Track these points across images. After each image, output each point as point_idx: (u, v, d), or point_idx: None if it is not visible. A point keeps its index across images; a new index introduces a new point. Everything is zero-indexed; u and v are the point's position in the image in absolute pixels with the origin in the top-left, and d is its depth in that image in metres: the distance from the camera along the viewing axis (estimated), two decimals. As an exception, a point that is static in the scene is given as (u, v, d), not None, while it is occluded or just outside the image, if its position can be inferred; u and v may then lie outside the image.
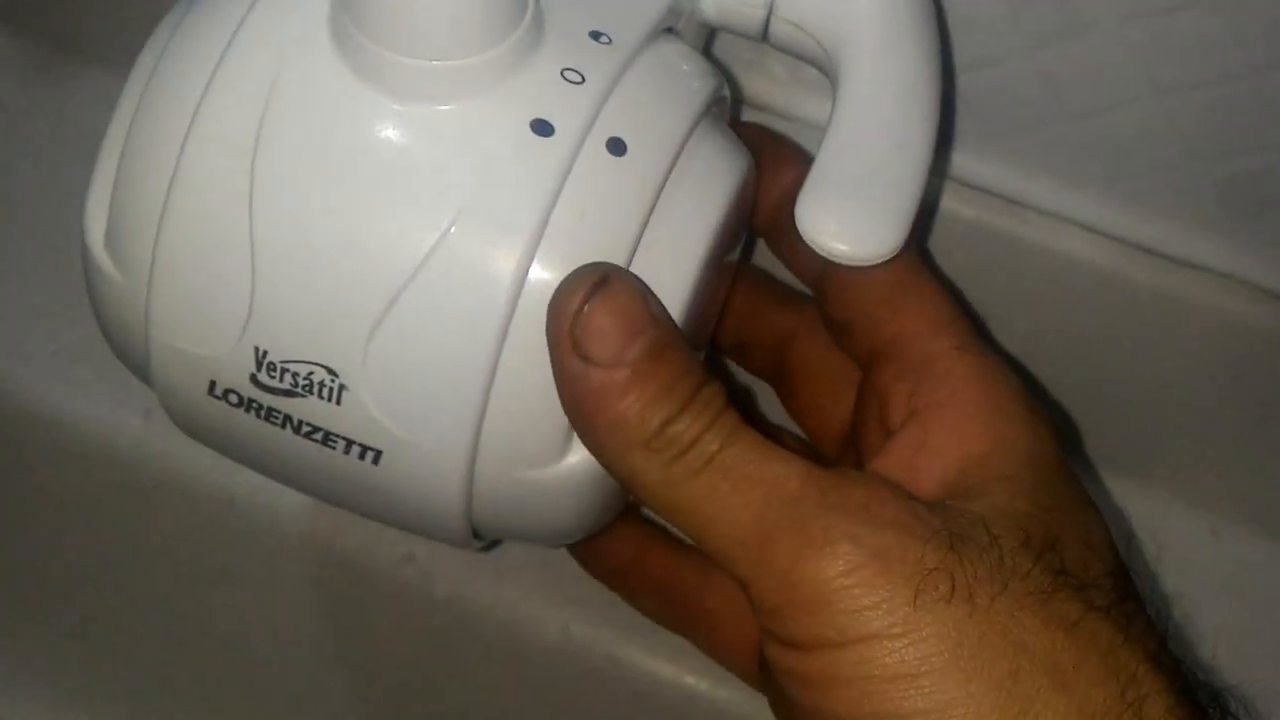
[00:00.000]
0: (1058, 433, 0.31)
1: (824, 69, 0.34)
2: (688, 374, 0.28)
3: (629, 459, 0.28)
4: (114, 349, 0.32)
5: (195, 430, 0.32)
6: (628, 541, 0.37)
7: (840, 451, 0.36)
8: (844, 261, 0.30)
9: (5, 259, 0.47)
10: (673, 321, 0.29)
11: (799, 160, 0.35)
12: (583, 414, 0.28)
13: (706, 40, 0.38)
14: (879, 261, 0.30)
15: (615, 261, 0.28)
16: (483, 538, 0.32)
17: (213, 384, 0.29)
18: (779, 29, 0.34)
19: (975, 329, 0.33)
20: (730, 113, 0.35)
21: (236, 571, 0.45)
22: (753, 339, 0.39)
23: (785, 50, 0.35)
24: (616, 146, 0.28)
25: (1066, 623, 0.27)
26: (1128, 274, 0.42)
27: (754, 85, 0.41)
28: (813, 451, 0.38)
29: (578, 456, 0.30)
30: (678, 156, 0.30)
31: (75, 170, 0.49)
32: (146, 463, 0.44)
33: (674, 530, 0.32)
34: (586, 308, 0.27)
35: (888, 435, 0.31)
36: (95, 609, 0.47)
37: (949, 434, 0.30)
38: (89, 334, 0.34)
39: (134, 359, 0.31)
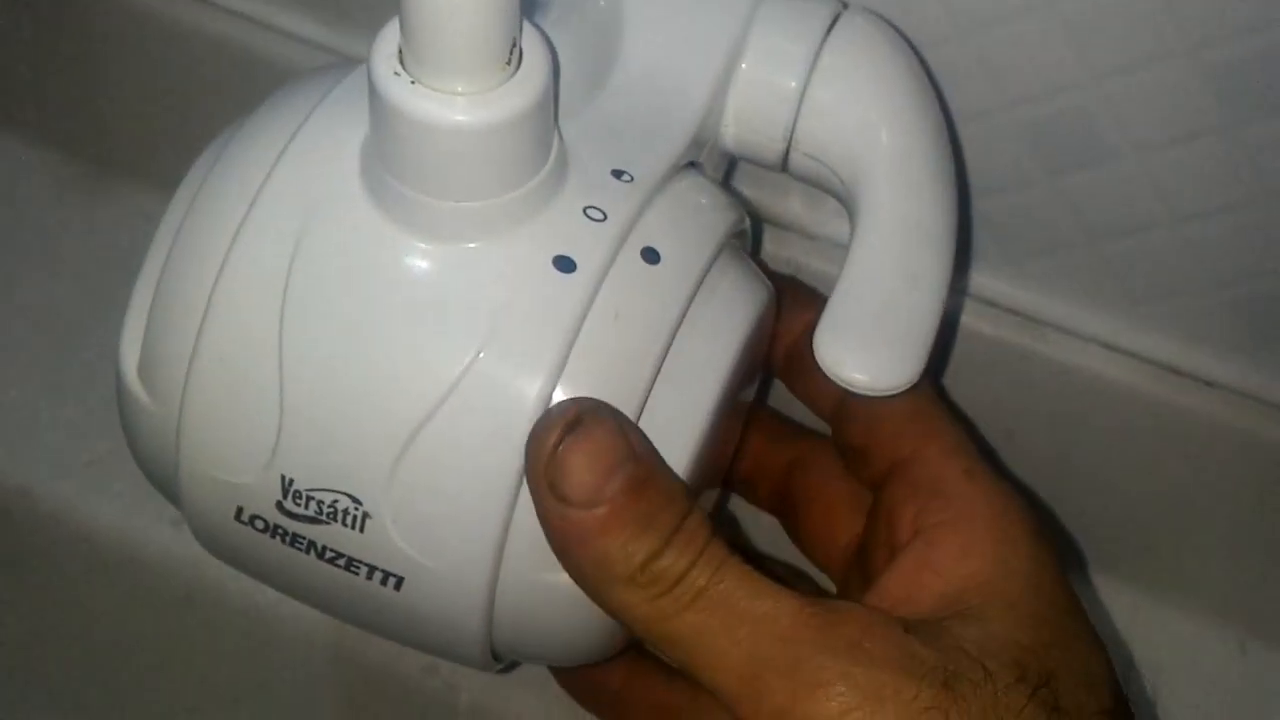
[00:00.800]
0: (1063, 562, 0.32)
1: (842, 199, 0.34)
2: (670, 505, 0.28)
3: (615, 594, 0.28)
4: (145, 472, 0.33)
5: (221, 552, 0.32)
6: (616, 669, 0.37)
7: (846, 575, 0.36)
8: (862, 392, 0.30)
9: (40, 372, 0.48)
10: (654, 452, 0.29)
11: (816, 300, 0.36)
12: (565, 551, 0.28)
13: (727, 169, 0.39)
14: (896, 392, 0.30)
15: (634, 392, 0.29)
16: (502, 660, 0.33)
17: (240, 510, 0.30)
18: (798, 161, 0.35)
19: (986, 457, 0.33)
20: (751, 243, 0.36)
21: (262, 681, 0.45)
22: (759, 473, 0.39)
23: (804, 180, 0.35)
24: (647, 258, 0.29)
25: None
26: (1147, 392, 0.42)
27: (775, 205, 0.42)
28: (802, 578, 0.39)
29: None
30: (696, 290, 0.30)
31: (108, 284, 0.50)
32: (175, 573, 0.45)
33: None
34: (561, 447, 0.27)
35: (894, 554, 0.32)
36: (123, 718, 0.48)
37: (953, 552, 0.31)
38: (120, 446, 0.34)
39: (164, 483, 0.32)
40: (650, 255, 0.30)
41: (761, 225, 0.42)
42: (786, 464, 0.38)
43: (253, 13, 0.48)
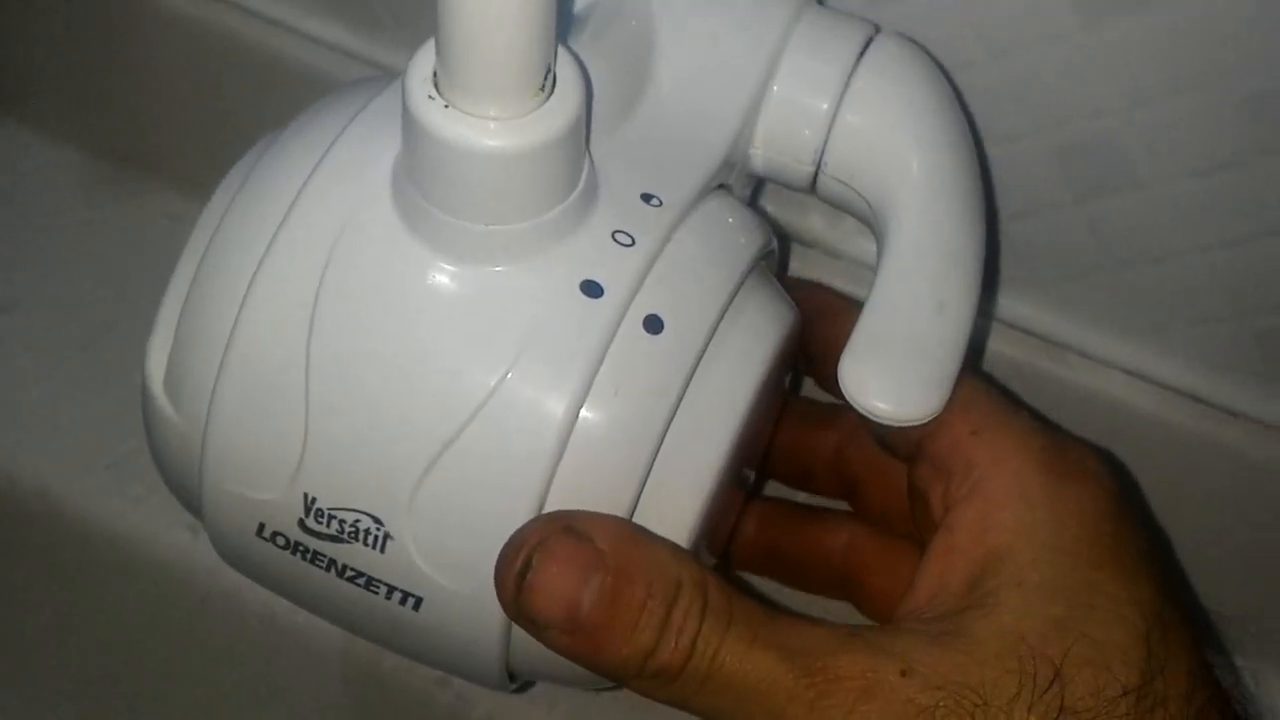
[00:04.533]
0: (1098, 482, 0.31)
1: (870, 224, 0.34)
2: (654, 597, 0.28)
3: (632, 686, 0.28)
4: (168, 484, 0.33)
5: (241, 566, 0.32)
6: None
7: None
8: (886, 421, 0.30)
9: (63, 371, 0.48)
10: (629, 540, 0.28)
11: (848, 310, 0.36)
12: (573, 659, 0.28)
13: (754, 189, 0.38)
14: (921, 423, 0.30)
15: (659, 415, 0.29)
16: (517, 680, 0.33)
17: (261, 526, 0.30)
18: (827, 184, 0.35)
19: (998, 399, 0.33)
20: (778, 261, 0.36)
21: (275, 688, 0.45)
22: (812, 465, 0.39)
23: (831, 203, 0.35)
24: (654, 324, 0.29)
25: None
26: (1169, 419, 0.42)
27: (796, 222, 0.42)
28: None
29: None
30: (723, 316, 0.30)
31: (132, 283, 0.50)
32: (192, 577, 0.45)
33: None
34: (529, 574, 0.27)
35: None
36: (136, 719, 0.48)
37: (972, 530, 0.30)
38: (141, 449, 0.35)
39: (186, 495, 0.32)
40: (675, 285, 0.30)
41: (789, 243, 0.41)
42: (834, 447, 0.38)
43: (281, 17, 0.48)
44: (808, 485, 0.40)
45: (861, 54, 0.34)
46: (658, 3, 0.33)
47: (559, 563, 0.27)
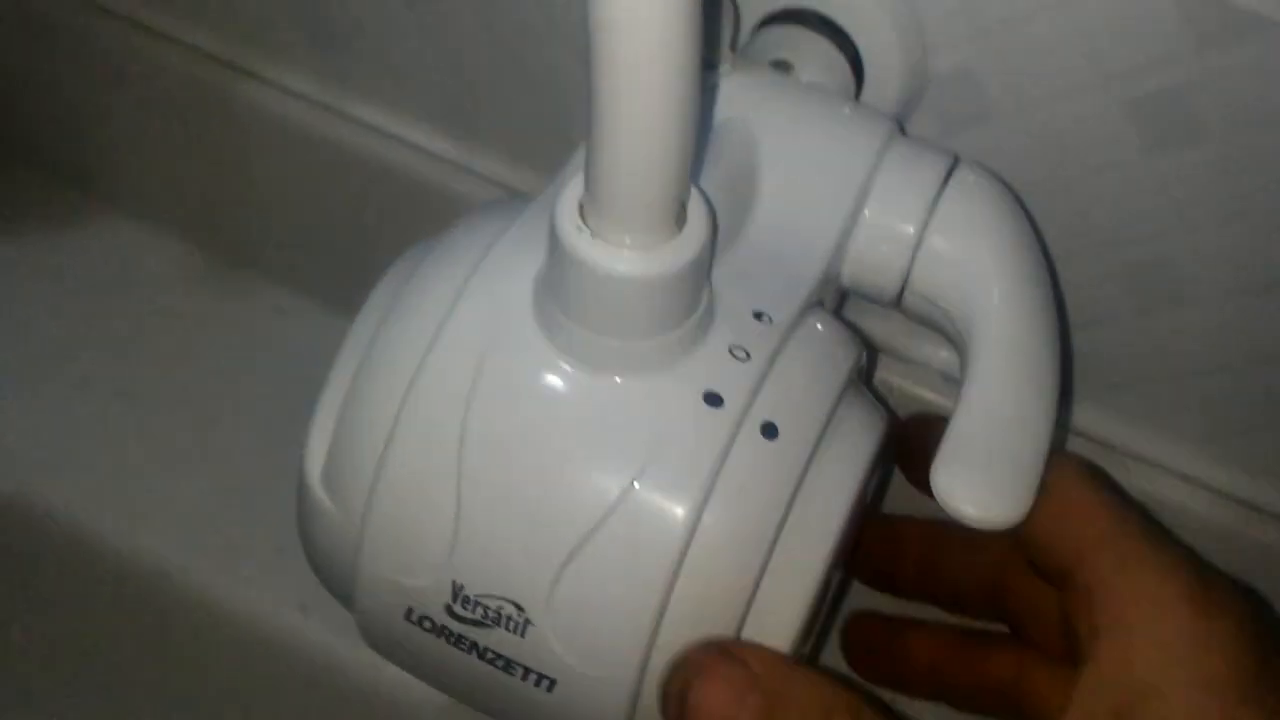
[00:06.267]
0: (1241, 618, 0.31)
1: (952, 339, 0.37)
2: (806, 718, 0.30)
3: None
4: (317, 572, 0.36)
5: (385, 648, 0.35)
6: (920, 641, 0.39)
7: None
8: (973, 524, 0.33)
9: (180, 455, 0.52)
10: (783, 663, 0.31)
11: (938, 420, 0.38)
12: None
13: (840, 300, 0.42)
14: (1005, 527, 0.33)
15: (776, 510, 0.32)
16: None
17: (410, 610, 0.33)
18: (912, 300, 0.38)
19: (1144, 529, 0.34)
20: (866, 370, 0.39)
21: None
22: (966, 589, 0.40)
23: (914, 318, 0.38)
24: (769, 430, 0.32)
25: None
26: (1224, 524, 0.45)
27: (870, 329, 0.45)
28: None
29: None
30: (829, 423, 0.33)
31: (245, 372, 0.54)
32: (300, 655, 0.48)
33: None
34: (689, 696, 0.30)
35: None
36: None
37: (1116, 664, 0.31)
38: (255, 530, 0.37)
39: (337, 583, 0.35)
40: (786, 395, 0.33)
41: (876, 353, 0.45)
42: (987, 572, 0.39)
43: (384, 126, 0.52)
44: (960, 608, 0.42)
45: (945, 182, 0.37)
46: (761, 137, 0.37)
47: (716, 683, 0.30)
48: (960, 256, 0.37)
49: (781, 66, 0.40)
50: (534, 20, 0.46)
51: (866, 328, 0.45)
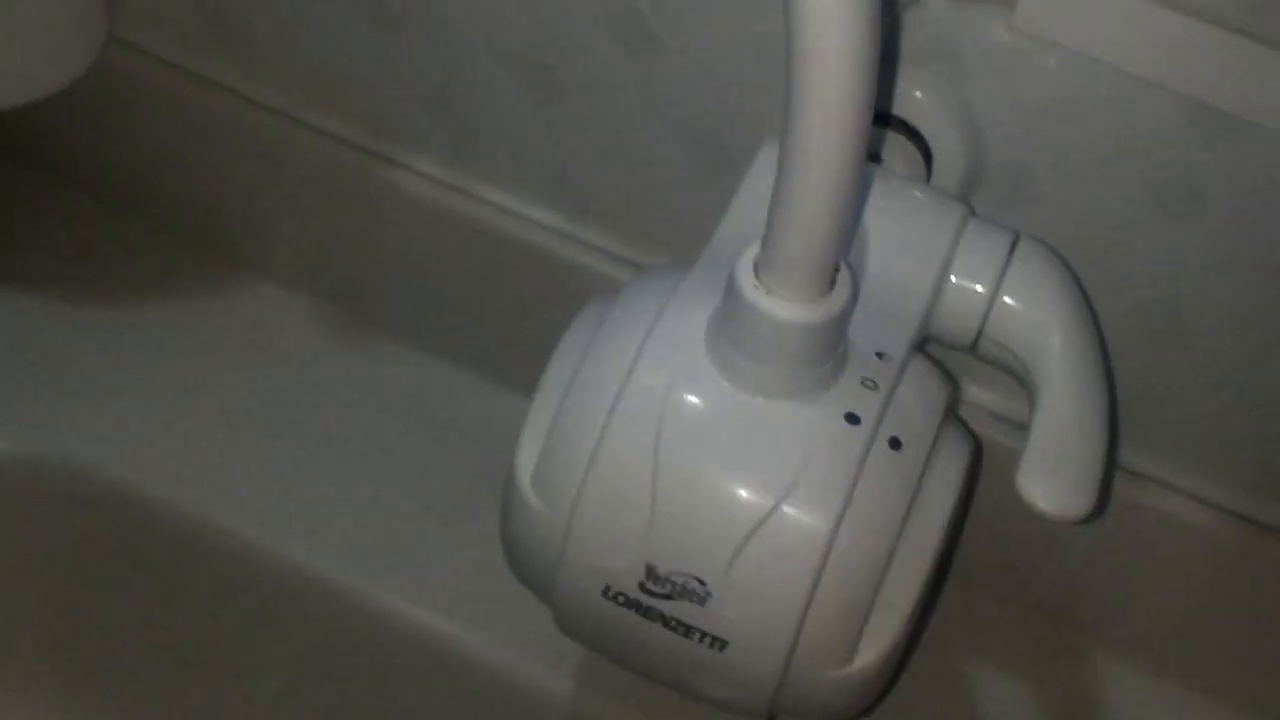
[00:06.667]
0: None
1: (1018, 375, 0.47)
2: None
3: None
4: (515, 564, 0.44)
5: (577, 627, 0.44)
6: None
7: None
8: (1050, 518, 0.42)
9: (325, 480, 0.59)
10: None
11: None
12: None
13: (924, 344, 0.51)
14: (1076, 520, 0.42)
15: (901, 506, 0.40)
16: (774, 716, 0.44)
17: (607, 588, 0.41)
18: (985, 346, 0.47)
19: None
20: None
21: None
22: None
23: (985, 360, 0.48)
24: (895, 443, 0.41)
25: None
26: (1230, 540, 0.54)
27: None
28: None
29: (861, 663, 0.41)
30: (937, 439, 0.42)
31: (371, 415, 0.62)
32: (450, 654, 0.55)
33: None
34: None
35: None
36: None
37: None
38: (407, 543, 0.44)
39: (535, 574, 0.43)
40: (906, 416, 0.42)
41: (960, 385, 0.54)
42: None
43: (503, 202, 0.61)
44: None
45: (1011, 252, 0.46)
46: (866, 215, 0.46)
47: None
48: (1026, 311, 0.46)
49: (873, 158, 0.49)
50: (641, 116, 0.55)
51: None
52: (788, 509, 0.40)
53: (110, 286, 0.65)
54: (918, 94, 0.49)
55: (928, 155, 0.51)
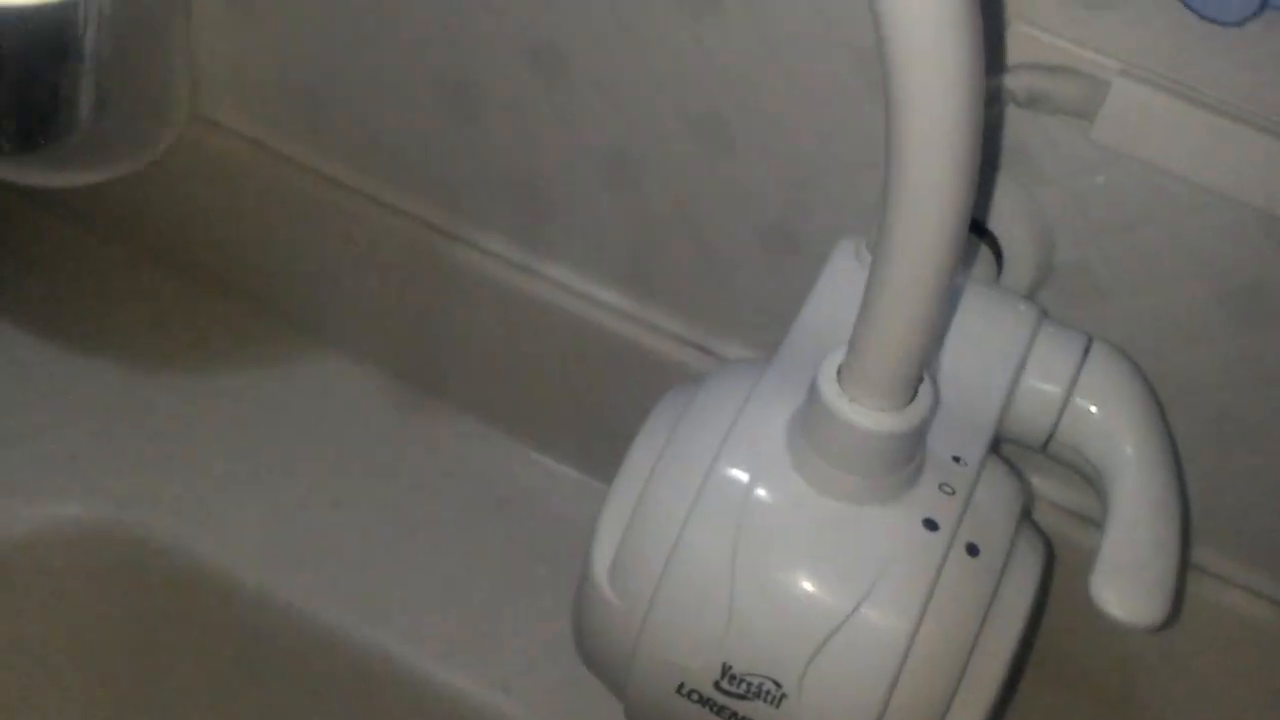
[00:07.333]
0: None
1: (1089, 478, 0.47)
2: None
3: None
4: (586, 655, 0.45)
5: (647, 719, 0.44)
6: None
7: None
8: (1124, 626, 0.42)
9: (394, 553, 0.60)
10: None
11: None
12: None
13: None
14: (1150, 629, 0.42)
15: (978, 615, 0.41)
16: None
17: (681, 685, 0.42)
18: (1057, 448, 0.47)
19: None
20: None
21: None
22: None
23: (1058, 462, 0.48)
24: (973, 550, 0.41)
25: None
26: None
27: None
28: None
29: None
30: (1013, 544, 0.43)
31: (435, 486, 0.63)
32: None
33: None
34: None
35: None
36: None
37: None
38: (462, 617, 0.45)
39: (607, 665, 0.44)
40: (983, 521, 0.42)
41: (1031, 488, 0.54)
42: None
43: (572, 284, 0.62)
44: None
45: (1085, 355, 0.47)
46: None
47: None
48: (1100, 415, 0.46)
49: (947, 257, 0.50)
50: (713, 204, 0.56)
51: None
52: (866, 613, 0.40)
53: (184, 357, 0.66)
54: (993, 196, 0.50)
55: (998, 254, 0.52)
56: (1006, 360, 0.47)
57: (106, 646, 0.61)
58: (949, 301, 0.37)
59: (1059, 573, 0.53)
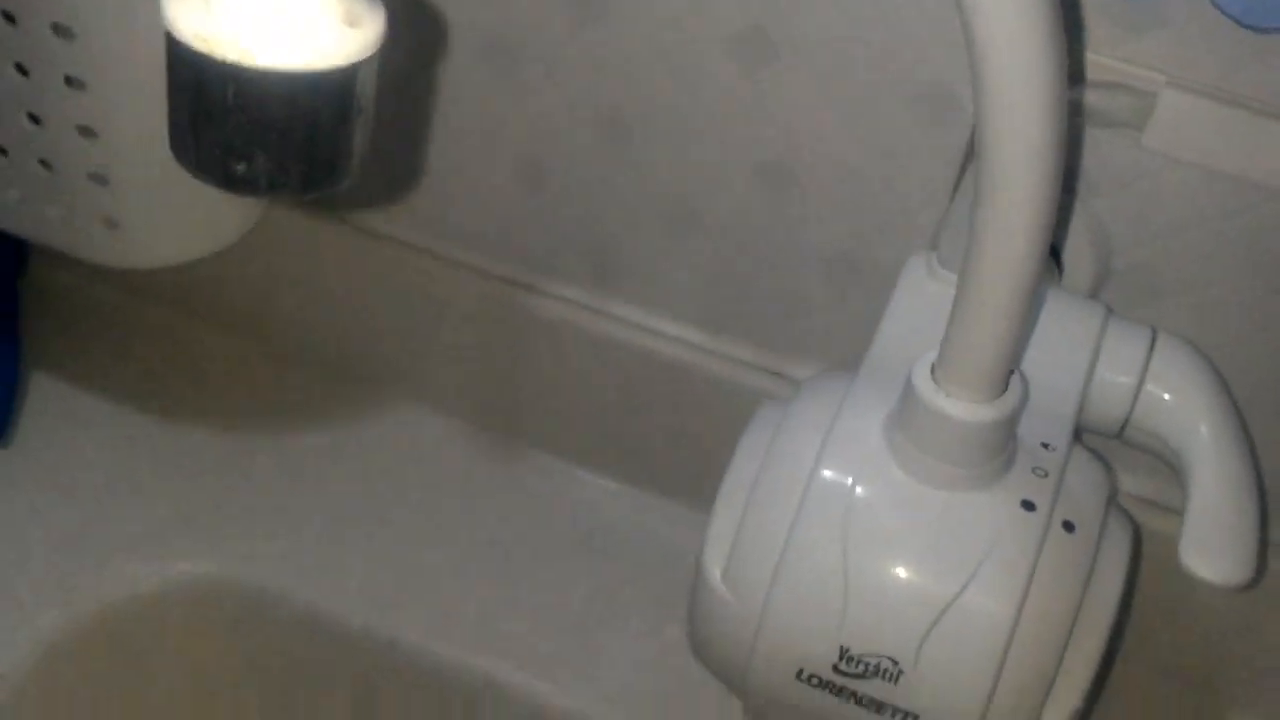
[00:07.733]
0: None
1: (1166, 460, 0.50)
2: None
3: None
4: (703, 653, 0.47)
5: (768, 709, 0.46)
6: None
7: None
8: (1212, 585, 0.45)
9: (490, 588, 0.63)
10: None
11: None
12: None
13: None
14: (1238, 587, 0.45)
15: (1078, 588, 0.43)
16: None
17: (800, 670, 0.44)
18: (1133, 434, 0.50)
19: None
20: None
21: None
22: None
23: (1133, 446, 0.51)
24: (1069, 526, 0.44)
25: None
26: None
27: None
28: None
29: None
30: (1105, 521, 0.45)
31: (518, 525, 0.65)
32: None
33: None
34: None
35: None
36: None
37: None
38: (562, 642, 0.47)
39: (725, 662, 0.46)
40: (1076, 500, 0.45)
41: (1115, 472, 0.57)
42: None
43: (644, 322, 0.65)
44: None
45: (1152, 346, 0.50)
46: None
47: None
48: (1172, 401, 0.49)
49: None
50: (778, 243, 0.59)
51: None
52: (974, 591, 0.43)
53: (275, 420, 0.69)
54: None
55: (1058, 260, 0.55)
56: (1080, 355, 0.50)
57: (229, 695, 0.63)
58: (1035, 303, 0.40)
59: (1141, 561, 0.56)
